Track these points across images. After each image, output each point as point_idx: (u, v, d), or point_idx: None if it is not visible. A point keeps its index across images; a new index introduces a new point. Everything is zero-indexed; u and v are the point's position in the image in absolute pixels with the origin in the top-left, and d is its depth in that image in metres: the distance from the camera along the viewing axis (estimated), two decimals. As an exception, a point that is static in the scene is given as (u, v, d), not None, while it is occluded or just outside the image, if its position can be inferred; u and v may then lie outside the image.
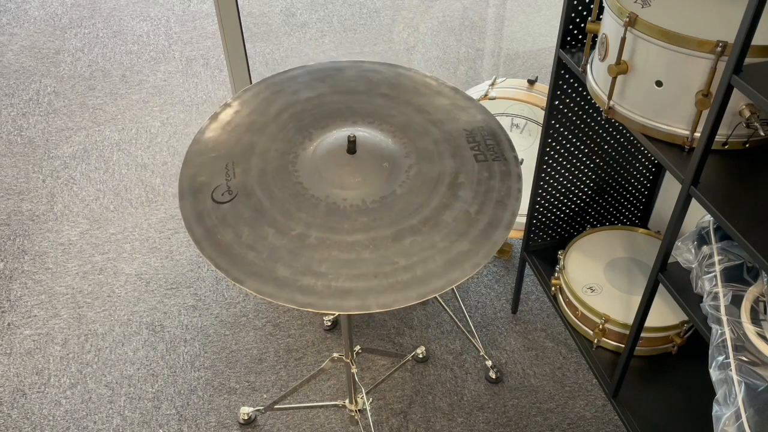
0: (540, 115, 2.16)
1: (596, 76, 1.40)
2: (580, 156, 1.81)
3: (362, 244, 1.09)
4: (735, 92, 1.07)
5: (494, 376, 1.94)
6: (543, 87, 2.08)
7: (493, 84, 2.12)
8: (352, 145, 1.19)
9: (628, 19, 1.21)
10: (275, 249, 1.08)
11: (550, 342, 2.05)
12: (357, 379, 1.70)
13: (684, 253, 1.35)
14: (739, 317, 1.18)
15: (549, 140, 1.74)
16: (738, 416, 1.10)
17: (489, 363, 1.96)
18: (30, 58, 3.28)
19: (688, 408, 1.59)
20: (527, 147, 2.25)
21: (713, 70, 1.15)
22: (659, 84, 1.24)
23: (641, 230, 1.89)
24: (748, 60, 1.04)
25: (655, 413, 1.58)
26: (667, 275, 1.35)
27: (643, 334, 1.64)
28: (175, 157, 2.72)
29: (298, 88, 1.35)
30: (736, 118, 1.19)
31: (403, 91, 1.35)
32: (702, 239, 1.33)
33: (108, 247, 2.35)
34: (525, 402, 1.90)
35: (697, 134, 1.24)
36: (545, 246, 1.99)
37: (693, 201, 1.20)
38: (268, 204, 1.14)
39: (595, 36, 1.42)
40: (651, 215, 2.05)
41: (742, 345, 1.15)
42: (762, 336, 1.15)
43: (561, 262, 1.79)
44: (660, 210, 2.01)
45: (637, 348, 1.67)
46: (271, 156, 1.22)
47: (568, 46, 1.56)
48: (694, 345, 1.70)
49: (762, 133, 1.16)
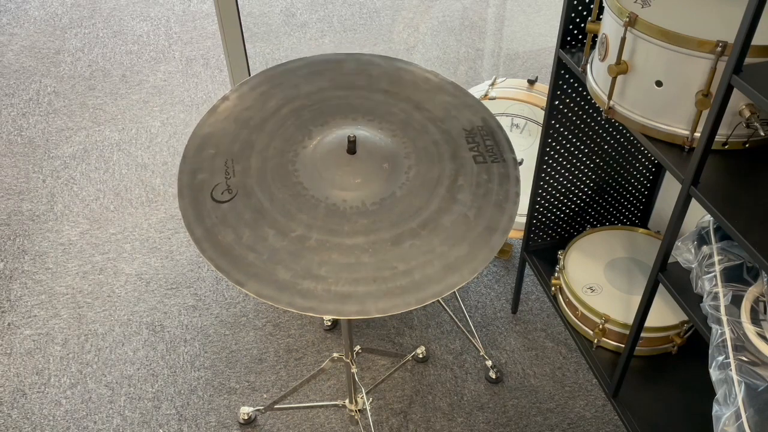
0: (540, 115, 2.16)
1: (596, 76, 1.40)
2: (580, 156, 1.81)
3: (362, 248, 1.08)
4: (735, 92, 1.07)
5: (494, 376, 1.94)
6: (543, 87, 2.08)
7: (493, 84, 2.12)
8: (352, 146, 1.19)
9: (628, 19, 1.21)
10: (276, 251, 1.07)
11: (550, 342, 2.05)
12: (357, 379, 1.70)
13: (684, 253, 1.35)
14: (739, 317, 1.18)
15: (549, 140, 1.74)
16: (738, 416, 1.10)
17: (489, 363, 1.96)
18: (30, 58, 3.28)
19: (688, 408, 1.59)
20: (527, 147, 2.25)
21: (713, 70, 1.15)
22: (659, 84, 1.24)
23: (641, 230, 1.88)
24: (748, 60, 1.04)
25: (655, 413, 1.58)
26: (667, 275, 1.35)
27: (643, 334, 1.64)
28: (175, 157, 2.72)
29: (298, 82, 1.34)
30: (736, 118, 1.19)
31: (403, 87, 1.35)
32: (702, 239, 1.33)
33: (108, 247, 2.35)
34: (525, 402, 1.90)
35: (697, 134, 1.24)
36: (545, 246, 1.99)
37: (693, 201, 1.20)
38: (269, 204, 1.14)
39: (595, 36, 1.42)
40: (651, 215, 2.05)
41: (742, 345, 1.15)
42: (762, 336, 1.15)
43: (561, 262, 1.79)
44: (660, 210, 2.01)
45: (637, 348, 1.67)
46: (271, 154, 1.21)
47: (568, 46, 1.56)
48: (694, 345, 1.70)
49: (762, 133, 1.16)
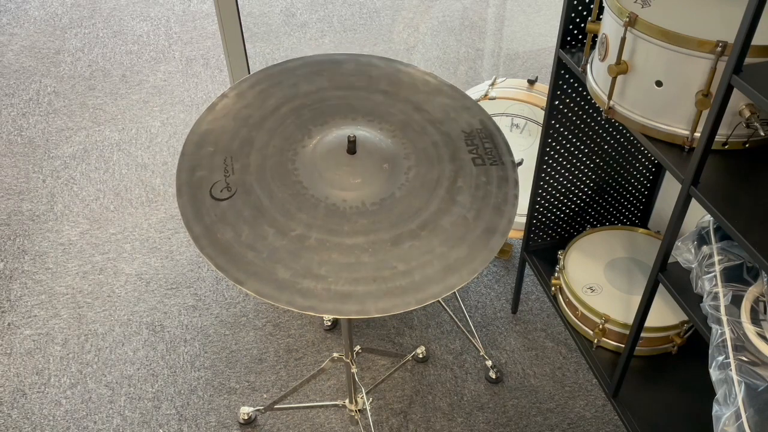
0: (540, 115, 2.16)
1: (596, 76, 1.40)
2: (580, 156, 1.81)
3: (362, 248, 1.08)
4: (735, 92, 1.07)
5: (494, 376, 1.94)
6: (543, 87, 2.08)
7: (493, 84, 2.12)
8: (352, 146, 1.19)
9: (628, 19, 1.21)
10: (275, 249, 1.07)
11: (550, 342, 2.05)
12: (357, 379, 1.70)
13: (684, 253, 1.35)
14: (739, 317, 1.18)
15: (549, 140, 1.74)
16: (738, 416, 1.10)
17: (489, 363, 1.96)
18: (30, 58, 3.28)
19: (688, 408, 1.59)
20: (527, 147, 2.25)
21: (713, 70, 1.15)
22: (659, 84, 1.24)
23: (641, 230, 1.88)
24: (748, 60, 1.04)
25: (655, 413, 1.58)
26: (667, 275, 1.35)
27: (643, 334, 1.64)
28: (175, 157, 2.72)
29: (297, 81, 1.34)
30: (736, 118, 1.19)
31: (402, 88, 1.35)
32: (702, 239, 1.33)
33: (108, 247, 2.35)
34: (525, 402, 1.90)
35: (697, 134, 1.24)
36: (545, 246, 1.99)
37: (693, 201, 1.20)
38: (268, 203, 1.14)
39: (595, 36, 1.42)
40: (651, 215, 2.05)
41: (742, 345, 1.15)
42: (762, 336, 1.15)
43: (561, 262, 1.79)
44: (660, 210, 2.01)
45: (637, 348, 1.67)
46: (270, 152, 1.21)
47: (568, 46, 1.56)
48: (694, 345, 1.70)
49: (762, 133, 1.16)
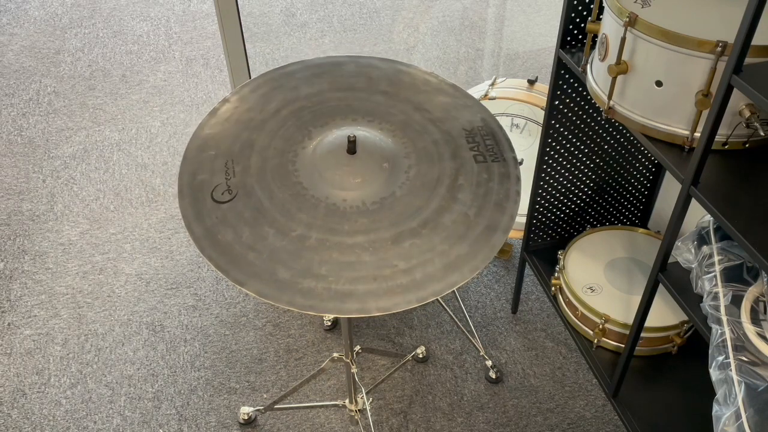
0: (540, 115, 2.16)
1: (596, 76, 1.40)
2: (580, 156, 1.81)
3: (362, 247, 1.08)
4: (735, 92, 1.07)
5: (494, 376, 1.94)
6: (543, 87, 2.08)
7: (493, 84, 2.12)
8: (352, 146, 1.19)
9: (628, 19, 1.21)
10: (275, 250, 1.07)
11: (550, 342, 2.05)
12: (357, 379, 1.70)
13: (684, 253, 1.35)
14: (739, 317, 1.18)
15: (549, 140, 1.74)
16: (738, 416, 1.10)
17: (489, 363, 1.96)
18: (30, 58, 3.28)
19: (688, 408, 1.59)
20: (527, 147, 2.25)
21: (713, 70, 1.15)
22: (659, 84, 1.24)
23: (641, 230, 1.88)
24: (748, 60, 1.04)
25: (655, 413, 1.58)
26: (667, 275, 1.35)
27: (643, 334, 1.64)
28: (175, 157, 2.72)
29: (297, 84, 1.34)
30: (736, 118, 1.19)
31: (403, 88, 1.35)
32: (702, 239, 1.33)
33: (108, 247, 2.35)
34: (525, 402, 1.90)
35: (697, 134, 1.24)
36: (545, 246, 1.99)
37: (693, 201, 1.20)
38: (268, 204, 1.14)
39: (595, 36, 1.42)
40: (651, 215, 2.05)
41: (742, 345, 1.15)
42: (762, 336, 1.15)
43: (561, 262, 1.79)
44: (660, 210, 2.01)
45: (637, 348, 1.67)
46: (271, 154, 1.21)
47: (568, 46, 1.56)
48: (694, 345, 1.70)
49: (762, 133, 1.16)
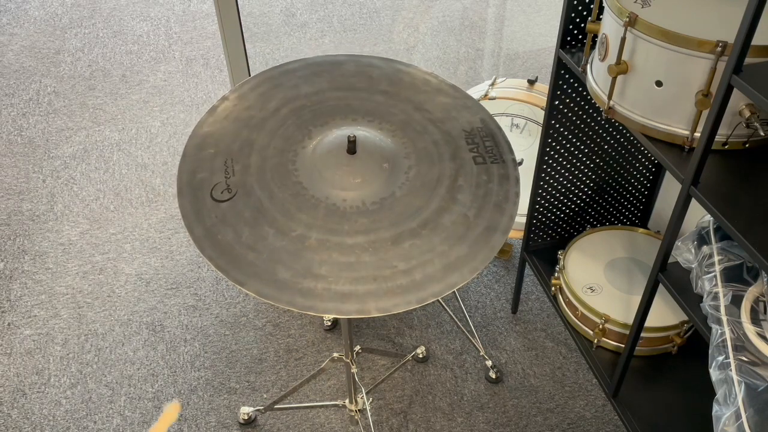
0: (540, 115, 2.16)
1: (596, 76, 1.40)
2: (580, 156, 1.81)
3: (362, 247, 1.08)
4: (735, 92, 1.07)
5: (494, 376, 1.94)
6: (543, 87, 2.08)
7: (493, 84, 2.12)
8: (352, 146, 1.19)
9: (628, 19, 1.21)
10: (275, 250, 1.07)
11: (550, 342, 2.05)
12: (357, 379, 1.70)
13: (684, 253, 1.35)
14: (739, 317, 1.18)
15: (549, 140, 1.74)
16: (738, 416, 1.10)
17: (489, 363, 1.96)
18: (30, 58, 3.28)
19: (688, 408, 1.59)
20: (527, 147, 2.25)
21: (713, 70, 1.15)
22: (659, 84, 1.24)
23: (641, 230, 1.88)
24: (748, 60, 1.04)
25: (655, 413, 1.58)
26: (667, 275, 1.35)
27: (643, 334, 1.64)
28: (175, 157, 2.72)
29: (297, 83, 1.34)
30: (736, 118, 1.19)
31: (403, 88, 1.35)
32: (702, 239, 1.33)
33: (108, 247, 2.35)
34: (525, 402, 1.90)
35: (697, 134, 1.24)
36: (545, 246, 1.99)
37: (693, 201, 1.20)
38: (268, 204, 1.14)
39: (595, 36, 1.42)
40: (651, 215, 2.05)
41: (742, 345, 1.15)
42: (762, 336, 1.15)
43: (561, 262, 1.79)
44: (660, 210, 2.01)
45: (637, 348, 1.67)
46: (271, 153, 1.21)
47: (568, 46, 1.56)
48: (694, 345, 1.70)
49: (762, 133, 1.16)
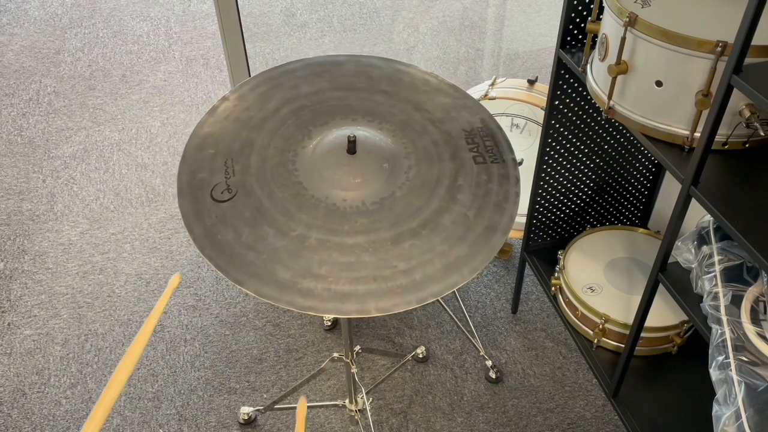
0: (540, 115, 2.16)
1: (596, 76, 1.40)
2: (580, 156, 1.81)
3: (362, 247, 1.08)
4: (735, 92, 1.07)
5: (494, 376, 1.94)
6: (543, 87, 2.08)
7: (493, 84, 2.12)
8: (352, 146, 1.19)
9: (628, 19, 1.21)
10: (275, 250, 1.07)
11: (550, 342, 2.05)
12: (357, 379, 1.70)
13: (684, 253, 1.35)
14: (739, 317, 1.18)
15: (549, 140, 1.74)
16: (738, 416, 1.10)
17: (489, 363, 1.96)
18: (30, 58, 3.28)
19: (688, 408, 1.59)
20: (527, 147, 2.25)
21: (713, 70, 1.15)
22: (659, 84, 1.24)
23: (641, 230, 1.88)
24: (748, 60, 1.04)
25: (655, 413, 1.58)
26: (667, 275, 1.35)
27: (643, 334, 1.64)
28: (175, 157, 2.72)
29: (297, 83, 1.34)
30: (736, 118, 1.19)
31: (403, 88, 1.35)
32: (702, 239, 1.33)
33: (108, 247, 2.35)
34: (525, 402, 1.90)
35: (697, 134, 1.24)
36: (545, 246, 1.99)
37: (693, 201, 1.20)
38: (268, 203, 1.14)
39: (595, 36, 1.42)
40: (651, 215, 2.05)
41: (742, 345, 1.15)
42: (762, 336, 1.15)
43: (561, 262, 1.79)
44: (660, 210, 2.01)
45: (637, 348, 1.67)
46: (271, 153, 1.21)
47: (568, 46, 1.56)
48: (694, 345, 1.70)
49: (762, 133, 1.16)
